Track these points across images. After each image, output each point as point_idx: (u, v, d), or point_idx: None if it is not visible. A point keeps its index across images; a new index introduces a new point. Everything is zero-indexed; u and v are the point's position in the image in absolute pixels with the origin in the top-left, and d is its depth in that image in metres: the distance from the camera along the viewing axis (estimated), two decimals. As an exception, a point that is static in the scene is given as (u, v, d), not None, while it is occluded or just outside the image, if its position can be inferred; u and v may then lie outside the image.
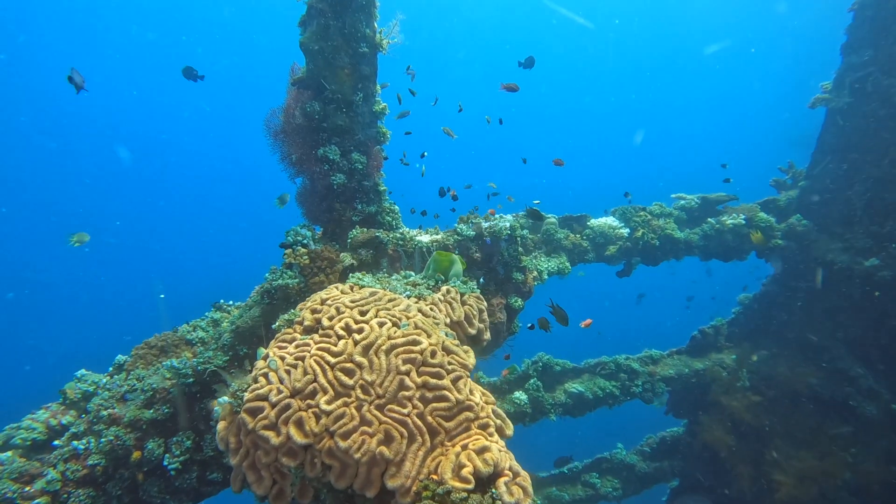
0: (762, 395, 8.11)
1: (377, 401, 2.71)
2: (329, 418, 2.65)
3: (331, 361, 2.81)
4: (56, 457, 4.23)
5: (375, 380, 2.75)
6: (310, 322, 3.10)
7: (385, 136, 5.25)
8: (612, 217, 8.13)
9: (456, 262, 3.85)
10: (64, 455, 4.22)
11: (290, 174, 5.00)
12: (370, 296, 3.23)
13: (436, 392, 2.75)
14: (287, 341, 3.06)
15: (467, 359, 2.98)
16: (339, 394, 2.74)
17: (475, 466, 2.53)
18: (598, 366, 9.00)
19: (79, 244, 7.30)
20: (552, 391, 8.66)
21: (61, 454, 4.22)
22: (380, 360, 2.80)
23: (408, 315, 3.08)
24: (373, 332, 2.90)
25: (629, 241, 7.79)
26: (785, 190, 9.29)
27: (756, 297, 9.58)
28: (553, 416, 8.43)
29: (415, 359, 2.82)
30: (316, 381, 2.76)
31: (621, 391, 8.86)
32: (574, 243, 7.65)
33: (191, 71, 5.58)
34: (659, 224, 8.04)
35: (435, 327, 3.10)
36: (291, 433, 2.62)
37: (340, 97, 4.85)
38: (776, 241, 8.50)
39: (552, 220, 7.65)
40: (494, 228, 5.21)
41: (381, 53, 5.02)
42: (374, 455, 2.54)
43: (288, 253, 4.41)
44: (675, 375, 9.20)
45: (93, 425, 4.35)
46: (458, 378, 2.85)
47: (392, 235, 4.84)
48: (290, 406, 2.69)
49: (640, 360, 9.27)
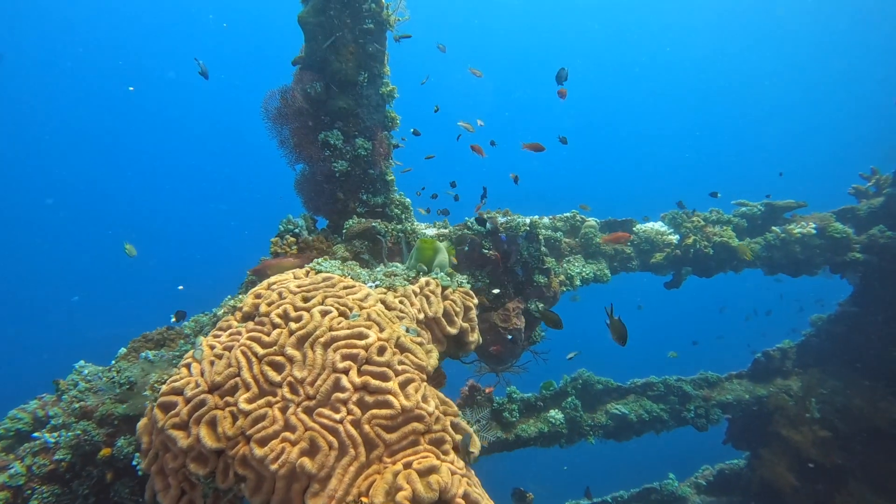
0: (833, 430, 7.07)
1: (306, 402, 2.26)
2: (247, 420, 2.21)
3: (259, 353, 2.39)
4: (25, 450, 4.02)
5: (306, 377, 2.30)
6: (248, 308, 2.69)
7: (394, 122, 4.84)
8: (661, 222, 7.38)
9: (441, 252, 3.36)
10: (33, 448, 3.99)
11: (290, 160, 4.67)
12: (322, 281, 2.78)
13: (377, 396, 2.27)
14: (223, 329, 2.66)
15: (425, 360, 2.48)
16: (264, 392, 2.31)
17: (415, 491, 2.02)
18: (646, 386, 8.19)
19: (130, 255, 7.62)
20: (592, 411, 7.94)
21: (31, 447, 4.00)
22: (314, 355, 2.34)
23: (362, 305, 2.61)
24: (312, 321, 2.45)
25: (678, 249, 7.01)
26: (866, 198, 8.21)
27: (831, 318, 8.50)
28: (592, 438, 7.71)
29: (356, 355, 2.35)
30: (239, 376, 2.33)
31: (671, 416, 8.01)
32: (616, 249, 6.96)
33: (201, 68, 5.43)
34: (714, 231, 7.22)
35: (394, 321, 2.62)
36: (201, 435, 2.20)
37: (343, 78, 4.49)
38: (854, 255, 7.47)
39: (592, 223, 7.00)
40: (511, 224, 4.69)
41: (389, 32, 4.65)
42: (293, 467, 2.08)
43: (275, 241, 4.07)
44: (733, 402, 8.26)
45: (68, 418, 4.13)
46: (409, 381, 2.35)
47: (392, 227, 4.41)
48: (204, 403, 2.28)
49: (694, 383, 8.38)
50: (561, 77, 5.31)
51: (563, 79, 5.29)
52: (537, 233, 4.87)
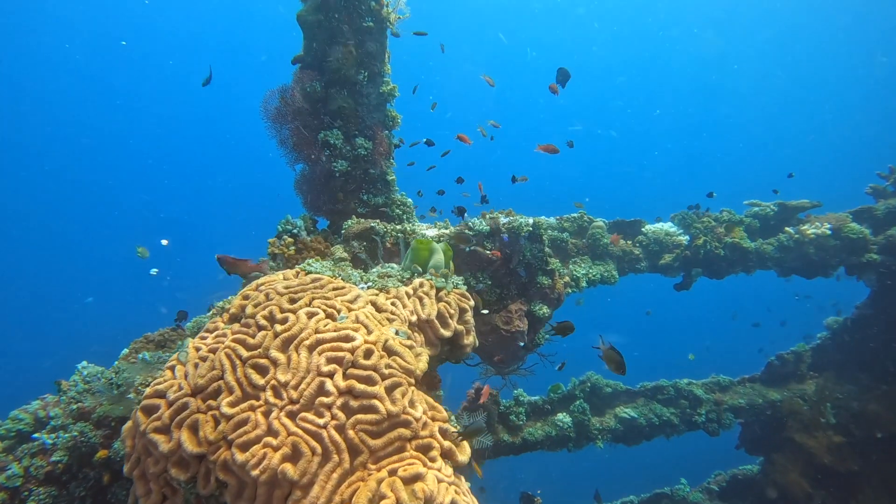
0: (849, 435, 6.88)
1: (289, 406, 2.20)
2: (229, 424, 2.16)
3: (243, 356, 2.33)
4: (23, 451, 4.01)
5: (290, 381, 2.24)
6: (235, 310, 2.64)
7: (395, 121, 4.78)
8: (671, 223, 7.24)
9: (437, 253, 3.28)
10: (32, 449, 3.98)
11: (290, 160, 4.63)
12: (311, 282, 2.72)
13: (363, 401, 2.20)
14: (210, 331, 2.61)
15: (413, 363, 2.40)
16: (247, 395, 2.25)
17: (398, 499, 1.96)
18: (656, 390, 8.04)
19: (142, 257, 7.63)
20: (601, 415, 7.81)
21: (29, 448, 4.00)
22: (299, 358, 2.28)
23: (350, 306, 2.55)
24: (298, 322, 2.39)
25: (688, 250, 6.87)
26: (884, 198, 8.00)
27: (847, 321, 8.29)
28: (600, 442, 7.58)
29: (342, 358, 2.28)
30: (222, 379, 2.28)
31: (681, 420, 7.85)
32: (624, 250, 6.84)
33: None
34: (725, 231, 7.07)
35: (384, 323, 2.55)
36: (183, 439, 2.15)
37: (343, 77, 4.44)
38: (871, 256, 7.27)
39: (600, 223, 6.88)
40: (513, 224, 4.60)
41: (389, 30, 4.59)
42: (274, 473, 2.02)
43: (272, 242, 4.02)
44: (746, 406, 8.07)
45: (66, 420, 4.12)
46: (396, 385, 2.28)
47: (391, 227, 4.34)
48: (187, 406, 2.23)
49: (706, 386, 8.21)
50: (562, 76, 5.20)
51: (564, 78, 5.19)
52: (540, 233, 4.78)
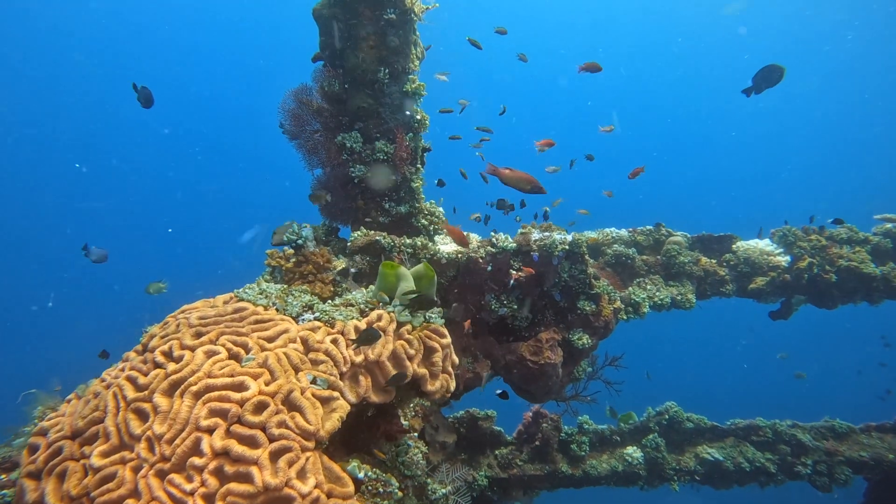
0: None
1: (160, 464, 1.87)
2: (94, 478, 1.87)
3: (129, 397, 2.04)
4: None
5: (166, 433, 1.91)
6: (146, 339, 2.37)
7: (422, 123, 4.35)
8: (768, 240, 6.16)
9: (406, 279, 2.80)
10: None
11: (307, 164, 4.36)
12: (232, 312, 2.38)
13: (238, 467, 1.81)
14: (124, 360, 2.36)
15: (316, 423, 1.97)
16: (123, 445, 1.95)
17: None
18: (749, 429, 6.94)
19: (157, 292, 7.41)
20: (680, 453, 6.88)
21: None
22: (181, 406, 1.95)
23: (266, 345, 2.17)
24: (191, 363, 2.06)
25: (788, 273, 5.78)
26: None
27: None
28: (676, 485, 6.68)
29: (227, 411, 1.91)
30: (103, 422, 2.01)
31: (779, 468, 6.71)
32: (707, 270, 5.90)
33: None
34: (840, 252, 5.88)
35: (301, 368, 2.15)
36: (47, 490, 1.89)
37: (362, 74, 4.09)
38: None
39: (679, 238, 5.99)
40: (545, 242, 4.01)
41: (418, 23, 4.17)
42: (122, 548, 1.71)
43: (271, 254, 3.77)
44: (870, 460, 6.74)
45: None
46: (283, 451, 1.87)
47: (399, 241, 3.93)
48: (61, 451, 1.98)
49: (815, 431, 6.97)
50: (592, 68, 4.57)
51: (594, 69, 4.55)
52: (582, 251, 4.13)
